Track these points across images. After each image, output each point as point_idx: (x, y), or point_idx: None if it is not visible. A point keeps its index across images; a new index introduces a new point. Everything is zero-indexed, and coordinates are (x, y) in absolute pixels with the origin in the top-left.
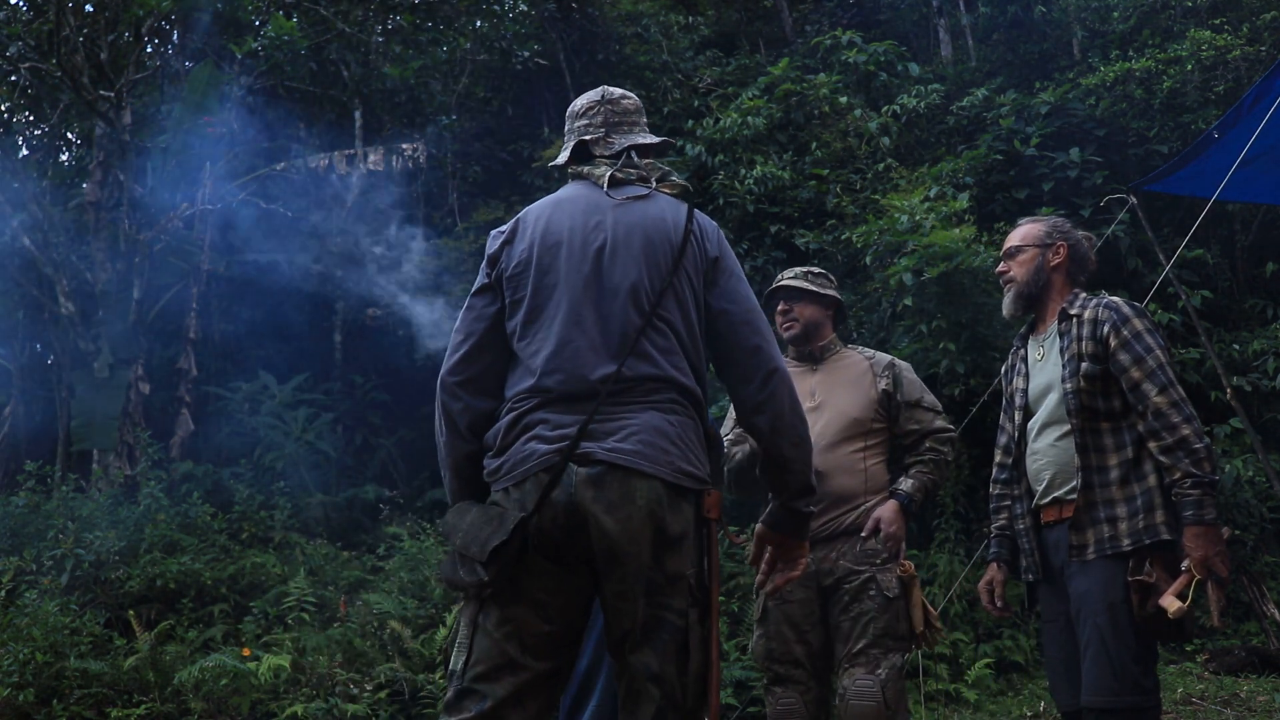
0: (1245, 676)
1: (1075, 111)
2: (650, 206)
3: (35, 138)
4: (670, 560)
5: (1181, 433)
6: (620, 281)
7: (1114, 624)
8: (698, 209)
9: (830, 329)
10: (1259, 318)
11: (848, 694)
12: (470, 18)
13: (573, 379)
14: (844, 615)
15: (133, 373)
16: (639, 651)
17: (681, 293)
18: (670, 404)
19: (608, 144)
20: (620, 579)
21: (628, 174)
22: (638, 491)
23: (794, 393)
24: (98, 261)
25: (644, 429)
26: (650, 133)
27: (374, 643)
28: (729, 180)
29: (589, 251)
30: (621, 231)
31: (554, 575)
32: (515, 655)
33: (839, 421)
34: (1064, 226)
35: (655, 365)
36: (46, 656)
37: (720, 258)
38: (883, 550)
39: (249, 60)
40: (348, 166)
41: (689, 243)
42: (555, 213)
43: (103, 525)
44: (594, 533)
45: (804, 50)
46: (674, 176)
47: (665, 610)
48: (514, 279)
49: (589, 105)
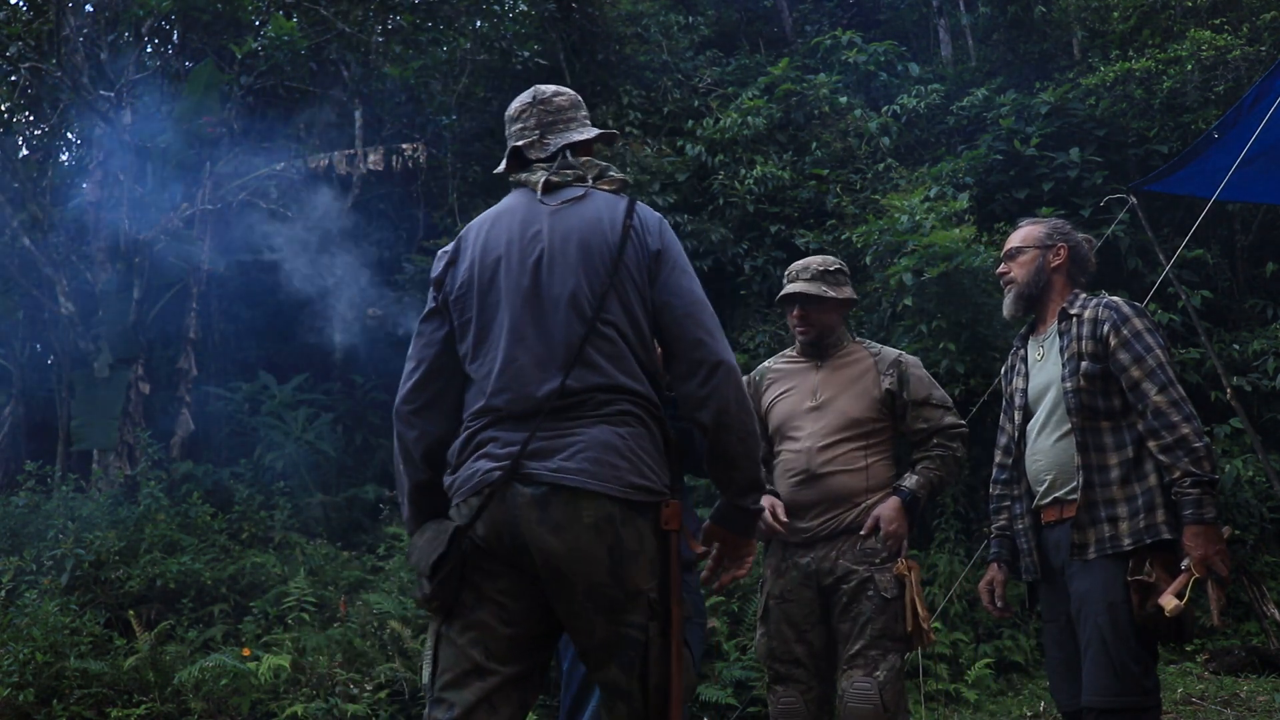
0: (1245, 676)
1: (1075, 111)
2: (586, 208)
3: (35, 138)
4: (628, 576)
5: (1181, 432)
6: (560, 291)
7: (1114, 624)
8: (640, 203)
9: (841, 323)
10: (1259, 318)
11: (846, 696)
12: (470, 18)
13: (519, 397)
14: (843, 616)
15: (133, 373)
16: (605, 668)
17: (625, 294)
18: (621, 416)
19: (543, 146)
20: (569, 599)
21: (564, 176)
22: (584, 511)
23: (740, 387)
24: (98, 261)
25: (592, 445)
26: (589, 126)
27: (374, 643)
28: (729, 180)
29: (527, 264)
30: (558, 239)
31: (512, 579)
32: (481, 661)
33: (839, 421)
34: (1064, 228)
35: (604, 374)
36: (46, 656)
37: (662, 250)
38: (882, 549)
39: (249, 60)
40: (348, 166)
41: (628, 239)
42: (494, 227)
43: (103, 525)
44: (536, 556)
45: (804, 50)
46: (612, 171)
47: (627, 627)
48: (459, 301)
49: (521, 108)
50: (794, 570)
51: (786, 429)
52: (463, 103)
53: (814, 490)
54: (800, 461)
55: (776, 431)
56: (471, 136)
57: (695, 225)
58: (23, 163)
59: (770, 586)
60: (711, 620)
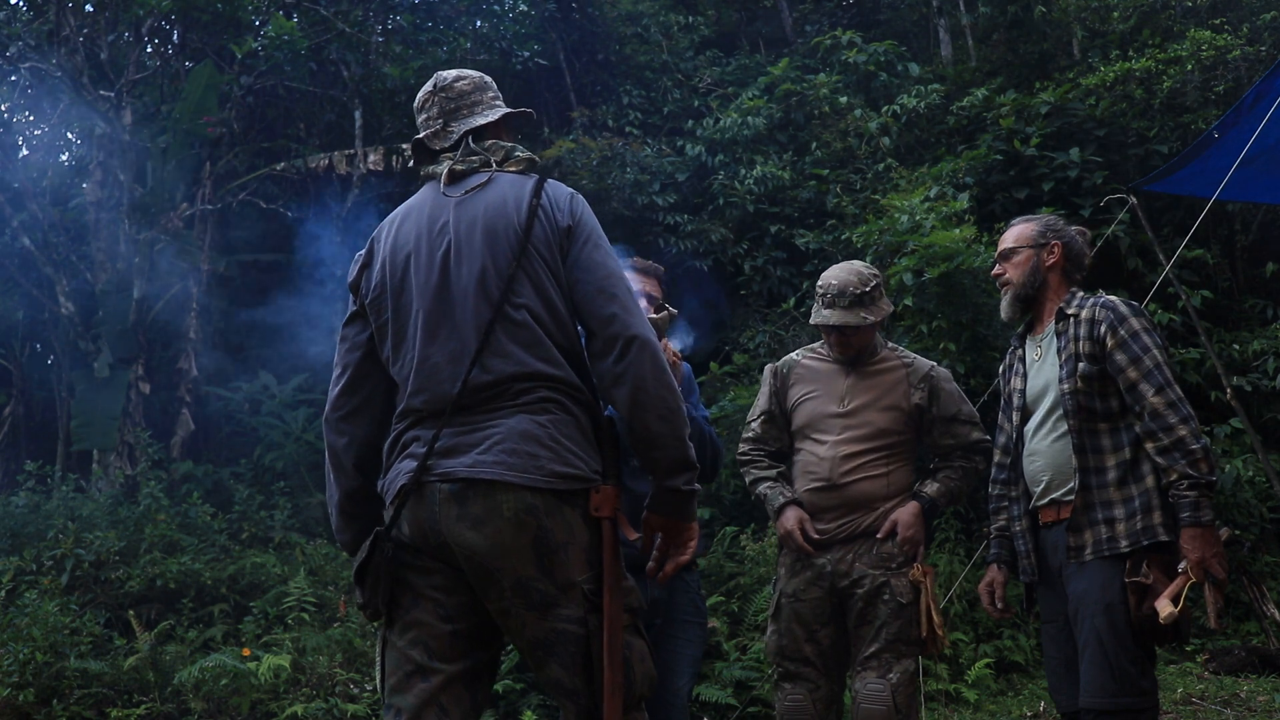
0: (1245, 676)
1: (1075, 111)
2: (490, 193)
3: (35, 138)
4: (558, 568)
5: (1178, 433)
6: (468, 283)
7: (1111, 625)
8: (555, 181)
9: (876, 335)
10: (1259, 318)
11: (859, 697)
12: (470, 18)
13: (435, 396)
14: (858, 619)
15: (133, 373)
16: (545, 667)
17: (536, 275)
18: (540, 403)
19: (446, 135)
20: (498, 596)
21: (469, 163)
22: (504, 504)
23: (659, 360)
24: (98, 261)
25: (508, 436)
26: (498, 107)
27: (374, 643)
28: (729, 180)
29: (435, 259)
30: (464, 228)
31: (445, 574)
32: (422, 660)
33: (867, 431)
34: (1057, 225)
35: (517, 362)
36: (46, 656)
37: (573, 226)
38: (899, 554)
39: (249, 60)
40: (348, 166)
41: (535, 219)
42: (403, 225)
43: (103, 525)
44: (459, 552)
45: (804, 50)
46: (519, 152)
47: (562, 621)
48: (375, 304)
49: (423, 98)
50: (809, 570)
51: (811, 430)
52: None
53: (834, 497)
54: (824, 469)
55: (799, 430)
56: None
57: (695, 225)
58: (23, 163)
59: (784, 585)
60: (711, 620)
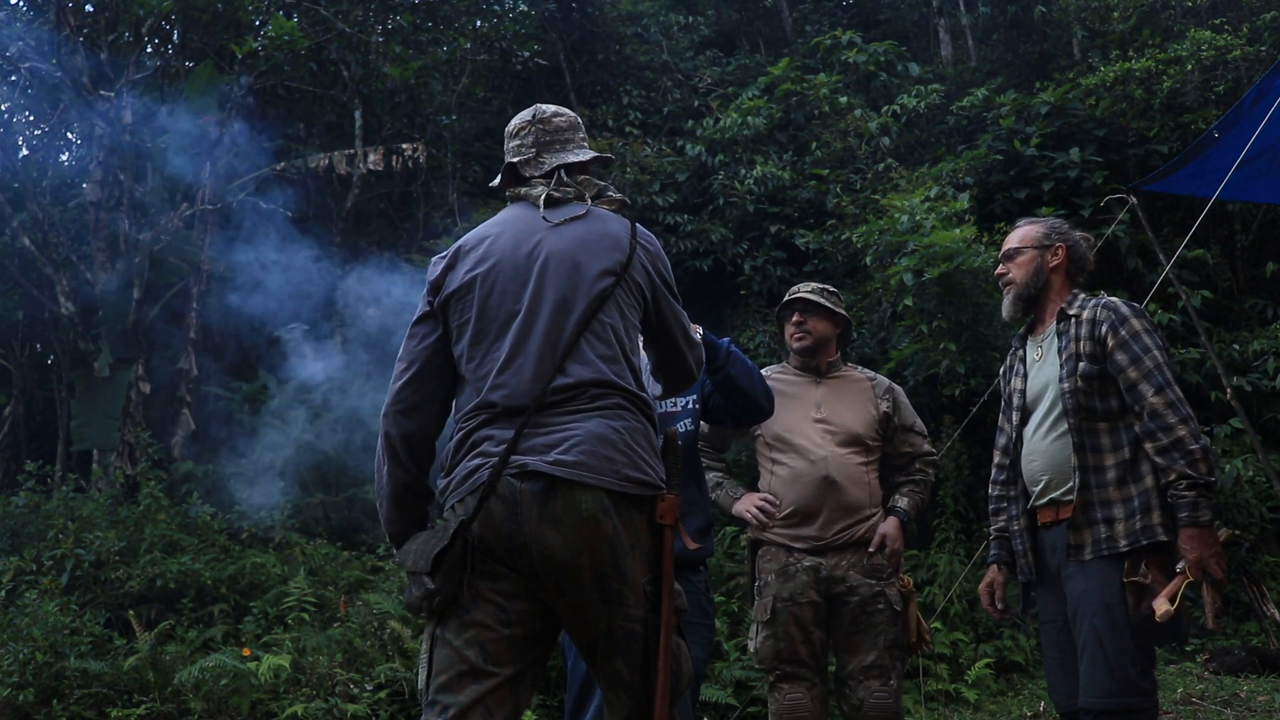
0: (1245, 676)
1: (1075, 111)
2: (591, 224)
3: (35, 138)
4: (629, 569)
5: (1177, 433)
6: (564, 295)
7: (1111, 625)
8: (639, 223)
9: (836, 347)
10: (1259, 318)
11: (865, 705)
12: (470, 18)
13: (516, 393)
14: (854, 626)
15: (133, 373)
16: (610, 659)
17: (622, 303)
18: (616, 409)
19: (538, 164)
20: (576, 592)
21: (564, 193)
22: (582, 503)
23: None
24: (98, 261)
25: (587, 438)
26: (586, 149)
27: (374, 643)
28: (729, 180)
29: (531, 270)
30: (561, 248)
31: (510, 579)
32: (477, 662)
33: (847, 435)
34: (1062, 228)
35: (597, 371)
36: (46, 656)
37: (665, 279)
38: (888, 565)
39: (249, 60)
40: (348, 166)
41: (635, 255)
42: (494, 235)
43: (103, 525)
44: (536, 552)
45: (804, 50)
46: (611, 192)
47: (629, 620)
48: (457, 303)
49: (520, 126)
50: (802, 574)
51: (790, 438)
52: (462, 103)
53: (828, 498)
54: (817, 470)
55: (777, 439)
56: (471, 136)
57: (695, 225)
58: (23, 163)
59: (777, 590)
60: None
